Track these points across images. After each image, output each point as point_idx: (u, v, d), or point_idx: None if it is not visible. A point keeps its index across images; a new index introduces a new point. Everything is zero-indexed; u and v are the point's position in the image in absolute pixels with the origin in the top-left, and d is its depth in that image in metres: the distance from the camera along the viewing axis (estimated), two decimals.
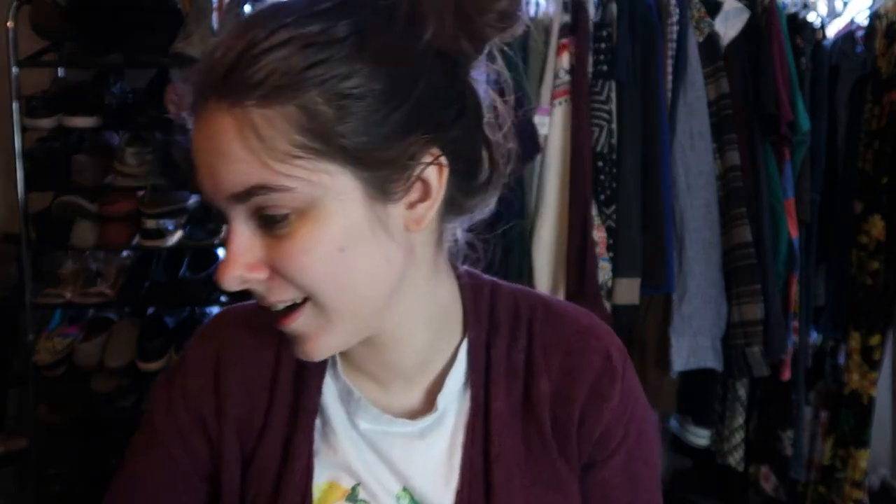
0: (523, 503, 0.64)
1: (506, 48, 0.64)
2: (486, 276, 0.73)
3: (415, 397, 0.69)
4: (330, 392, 0.69)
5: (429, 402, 0.68)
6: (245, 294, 0.62)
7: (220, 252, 2.32)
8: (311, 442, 0.67)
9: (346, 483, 0.67)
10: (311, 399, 0.68)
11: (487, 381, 0.67)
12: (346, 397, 0.68)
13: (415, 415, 0.67)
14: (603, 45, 1.95)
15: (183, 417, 0.70)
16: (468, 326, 0.69)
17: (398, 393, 0.69)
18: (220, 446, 0.69)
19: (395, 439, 0.67)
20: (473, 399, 0.67)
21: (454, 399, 0.68)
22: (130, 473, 0.72)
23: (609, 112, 1.95)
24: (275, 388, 0.69)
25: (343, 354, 0.69)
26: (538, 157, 1.96)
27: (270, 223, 0.55)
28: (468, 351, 0.68)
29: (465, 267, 0.72)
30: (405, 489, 0.67)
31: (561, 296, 1.95)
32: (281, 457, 0.68)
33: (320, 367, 0.69)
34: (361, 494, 0.67)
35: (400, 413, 0.68)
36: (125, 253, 2.26)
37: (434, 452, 0.67)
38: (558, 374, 0.67)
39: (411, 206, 0.60)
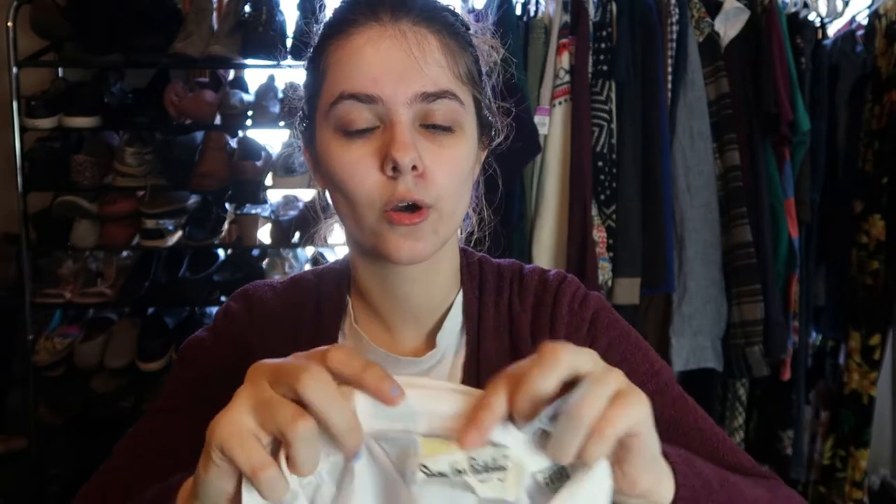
0: None
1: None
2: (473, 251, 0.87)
3: (418, 338, 0.79)
4: (343, 343, 0.80)
5: (430, 343, 0.78)
6: None
7: (220, 252, 2.33)
8: None
9: None
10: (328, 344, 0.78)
11: (479, 328, 0.79)
12: (357, 344, 0.78)
13: (418, 353, 0.77)
14: (603, 45, 1.96)
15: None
16: (462, 283, 0.81)
17: (403, 336, 0.79)
18: None
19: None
20: (468, 343, 0.78)
21: (452, 341, 0.79)
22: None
23: (609, 112, 1.95)
24: (297, 341, 0.77)
25: (359, 303, 0.80)
26: (538, 157, 1.97)
27: (436, 130, 0.68)
28: (463, 301, 0.80)
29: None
30: None
31: None
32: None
33: (336, 320, 0.80)
34: None
35: (404, 354, 0.78)
36: (125, 253, 2.26)
37: None
38: (531, 308, 0.81)
39: (483, 150, 0.77)
